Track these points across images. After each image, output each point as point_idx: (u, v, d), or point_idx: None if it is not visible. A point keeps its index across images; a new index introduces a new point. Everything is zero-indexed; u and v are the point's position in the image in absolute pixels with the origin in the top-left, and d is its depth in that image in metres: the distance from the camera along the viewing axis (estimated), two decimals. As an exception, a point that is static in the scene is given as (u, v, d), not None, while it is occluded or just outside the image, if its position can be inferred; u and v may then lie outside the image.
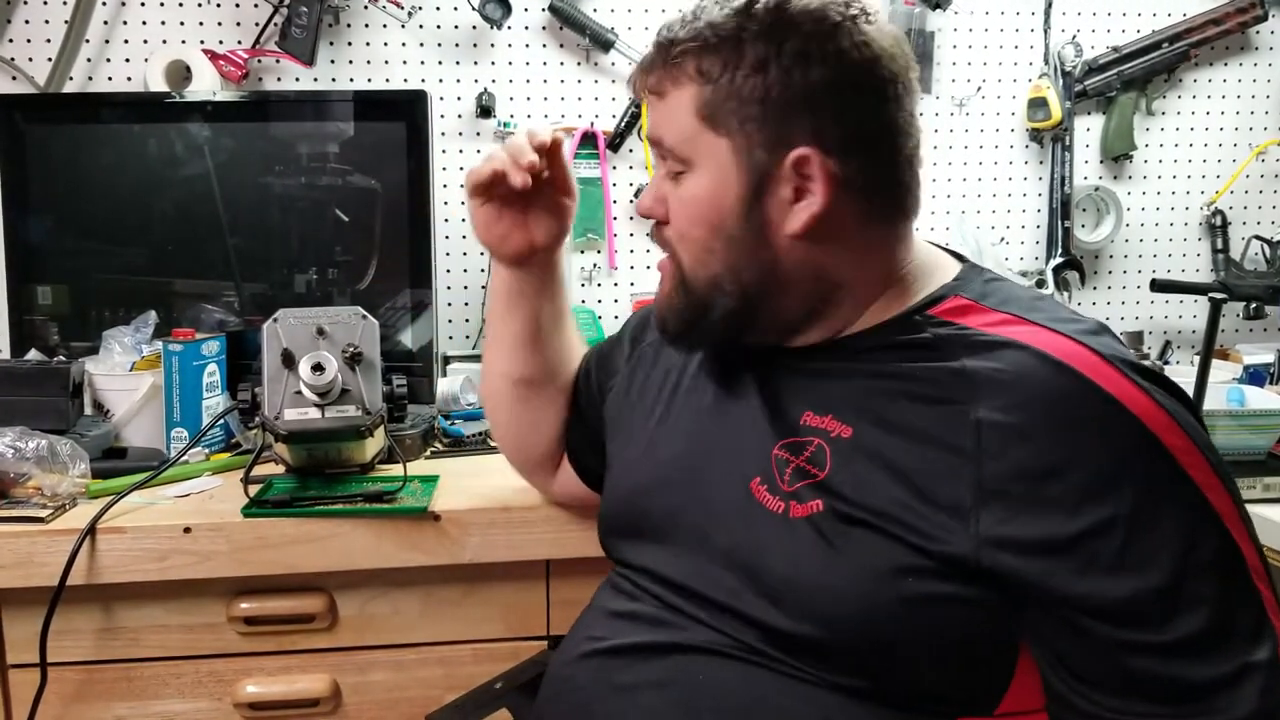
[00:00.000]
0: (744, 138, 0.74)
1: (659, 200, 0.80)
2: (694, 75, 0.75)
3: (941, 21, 1.66)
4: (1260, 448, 1.24)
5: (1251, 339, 1.78)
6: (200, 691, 1.10)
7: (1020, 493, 0.66)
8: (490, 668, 1.03)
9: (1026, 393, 0.67)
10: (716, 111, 0.75)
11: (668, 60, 0.77)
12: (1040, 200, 1.74)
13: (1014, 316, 0.73)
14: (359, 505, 1.07)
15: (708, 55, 0.75)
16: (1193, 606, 0.64)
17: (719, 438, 0.81)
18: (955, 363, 0.70)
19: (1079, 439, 0.66)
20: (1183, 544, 0.64)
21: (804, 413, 0.76)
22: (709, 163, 0.76)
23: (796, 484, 0.74)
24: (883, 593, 0.68)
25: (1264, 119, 1.77)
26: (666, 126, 0.78)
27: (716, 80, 0.74)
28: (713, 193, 0.76)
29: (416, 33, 1.59)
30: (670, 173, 0.79)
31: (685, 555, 0.79)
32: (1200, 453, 0.67)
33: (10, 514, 1.05)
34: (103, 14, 1.53)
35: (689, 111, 0.76)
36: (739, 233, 0.76)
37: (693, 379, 0.88)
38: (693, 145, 0.76)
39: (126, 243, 1.40)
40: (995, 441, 0.67)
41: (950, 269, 0.81)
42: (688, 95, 0.76)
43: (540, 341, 1.02)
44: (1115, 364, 0.68)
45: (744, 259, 0.76)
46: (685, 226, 0.78)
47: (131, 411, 1.23)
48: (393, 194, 1.40)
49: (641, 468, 0.88)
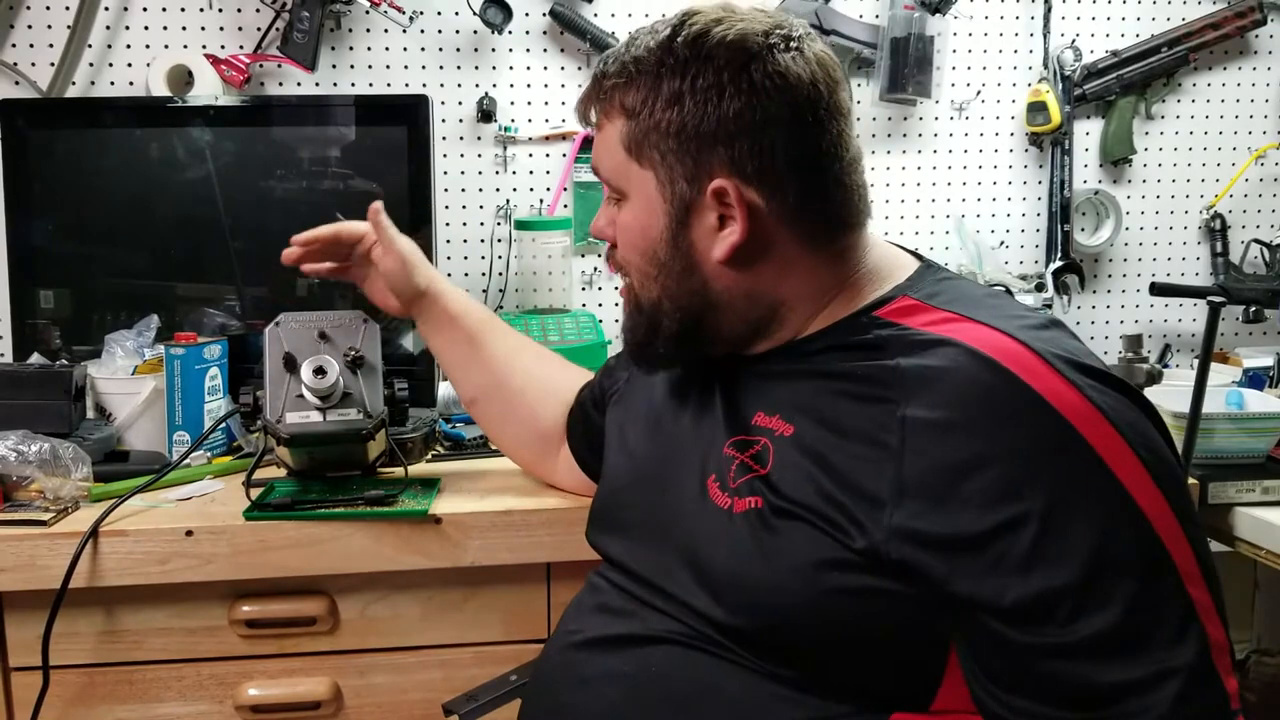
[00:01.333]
0: (666, 170, 0.77)
1: (609, 223, 0.84)
2: (620, 109, 0.79)
3: (941, 26, 1.66)
4: (1259, 451, 1.24)
5: (1251, 342, 1.78)
6: (201, 694, 1.10)
7: (937, 489, 0.66)
8: (491, 670, 1.03)
9: (952, 389, 0.67)
10: (641, 144, 0.78)
11: (599, 93, 0.81)
12: (1040, 204, 1.75)
13: (956, 315, 0.73)
14: (360, 508, 1.07)
15: (630, 89, 0.78)
16: (1102, 605, 0.62)
17: (686, 438, 0.84)
18: (890, 361, 0.71)
19: (997, 435, 0.65)
20: (1096, 541, 0.63)
21: (756, 413, 0.78)
22: (638, 193, 0.80)
23: (740, 480, 0.76)
24: (809, 586, 0.69)
25: (1263, 123, 1.77)
26: (601, 157, 0.82)
27: (638, 114, 0.77)
28: (643, 222, 0.80)
29: (418, 38, 1.60)
30: (610, 200, 0.84)
31: (649, 549, 0.82)
32: (1132, 451, 0.65)
33: (13, 517, 1.05)
34: (105, 19, 1.54)
35: (617, 144, 0.79)
36: (669, 260, 0.79)
37: (676, 384, 0.90)
38: (624, 176, 0.80)
39: (128, 247, 1.41)
40: (918, 438, 0.67)
41: (906, 269, 0.81)
42: (616, 128, 0.79)
43: (469, 362, 1.12)
44: (1049, 360, 0.67)
45: (677, 284, 0.80)
46: (626, 252, 0.83)
47: (133, 415, 1.24)
48: (394, 198, 1.40)
49: (622, 465, 0.92)
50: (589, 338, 1.51)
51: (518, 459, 1.18)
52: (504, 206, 1.64)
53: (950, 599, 0.66)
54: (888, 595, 0.68)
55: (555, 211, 1.64)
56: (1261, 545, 1.17)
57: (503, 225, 1.64)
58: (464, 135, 1.62)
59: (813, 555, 0.70)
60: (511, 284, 1.64)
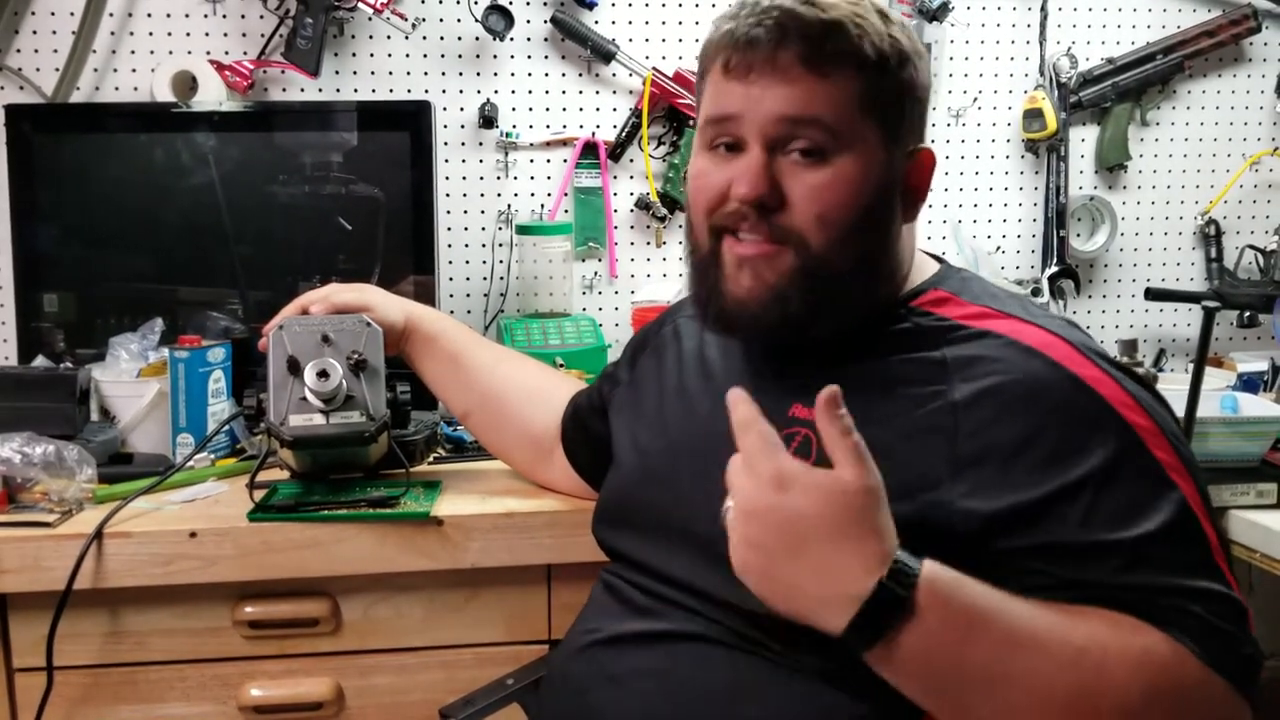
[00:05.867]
0: (894, 128, 0.79)
1: (772, 185, 0.77)
2: (855, 64, 0.76)
3: (938, 33, 1.67)
4: (1253, 454, 1.25)
5: (1245, 347, 1.79)
6: (205, 695, 1.11)
7: (993, 465, 0.70)
8: (492, 671, 1.04)
9: (1002, 377, 0.72)
10: (877, 99, 0.77)
11: (824, 50, 0.76)
12: (1036, 210, 1.76)
13: (989, 310, 0.78)
14: (363, 510, 1.08)
15: (869, 52, 0.76)
16: (1147, 564, 0.67)
17: (707, 432, 0.83)
18: (936, 352, 0.75)
19: (1047, 416, 0.70)
20: (1145, 513, 0.68)
21: (794, 405, 0.79)
22: (862, 147, 0.77)
23: None
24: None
25: (1257, 129, 1.78)
26: (825, 106, 0.76)
27: (883, 70, 0.77)
28: (865, 176, 0.77)
29: (420, 44, 1.61)
30: (803, 153, 0.76)
31: (668, 545, 0.82)
32: (1165, 437, 0.71)
33: (17, 518, 1.06)
34: (110, 25, 1.55)
35: (850, 95, 0.76)
36: (881, 216, 0.79)
37: (686, 379, 0.91)
38: (850, 128, 0.77)
39: (133, 251, 1.42)
40: (970, 421, 0.71)
41: (931, 267, 0.86)
42: (850, 80, 0.76)
43: (455, 379, 1.14)
44: (1085, 352, 0.73)
45: (881, 242, 0.80)
46: (827, 209, 0.76)
47: (138, 417, 1.24)
48: (396, 203, 1.42)
49: (634, 463, 0.92)
50: (589, 341, 1.52)
51: (513, 464, 1.19)
52: (505, 211, 1.65)
53: (1008, 563, 0.69)
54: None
55: (556, 216, 1.66)
56: (1256, 549, 1.18)
57: (504, 230, 1.65)
58: (466, 141, 1.64)
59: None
60: (513, 288, 1.65)
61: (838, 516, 0.63)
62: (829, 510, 0.63)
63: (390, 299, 1.14)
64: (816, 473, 0.65)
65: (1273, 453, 1.26)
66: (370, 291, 1.15)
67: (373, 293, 1.14)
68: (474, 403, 1.15)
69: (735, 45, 0.77)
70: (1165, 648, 0.65)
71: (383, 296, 1.14)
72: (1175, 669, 0.65)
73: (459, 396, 1.16)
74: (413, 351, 1.15)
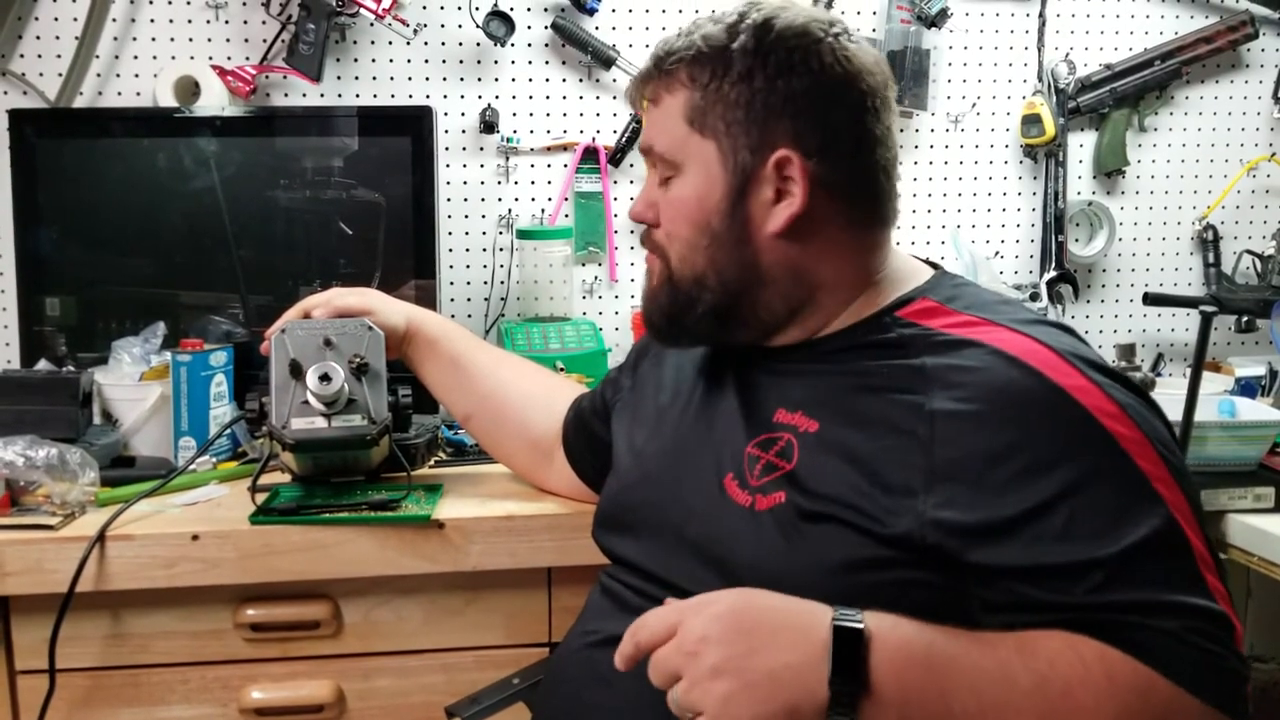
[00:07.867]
0: (729, 140, 0.79)
1: (649, 205, 0.85)
2: (685, 82, 0.81)
3: (937, 39, 1.68)
4: (1251, 458, 1.25)
5: (1243, 351, 1.79)
6: (206, 698, 1.11)
7: (969, 476, 0.69)
8: (492, 674, 1.04)
9: (981, 386, 0.71)
10: (705, 115, 0.80)
11: (662, 69, 0.82)
12: (1034, 215, 1.77)
13: (976, 318, 0.77)
14: (364, 513, 1.08)
15: (699, 64, 0.80)
16: (1130, 580, 0.66)
17: (700, 437, 0.85)
18: (916, 360, 0.74)
19: (1025, 426, 0.69)
20: (1124, 526, 0.66)
21: (777, 410, 0.80)
22: (696, 164, 0.81)
23: (764, 478, 0.77)
24: (838, 583, 0.70)
25: (1254, 135, 1.79)
26: (658, 132, 0.84)
27: (706, 86, 0.80)
28: (700, 192, 0.81)
29: (422, 49, 1.61)
30: (661, 179, 0.84)
31: (662, 548, 0.83)
32: (1153, 446, 0.69)
33: (20, 521, 1.06)
34: (113, 30, 1.56)
35: (679, 116, 0.81)
36: (723, 230, 0.80)
37: (682, 384, 0.92)
38: (682, 148, 0.81)
39: (135, 255, 1.42)
40: (947, 429, 0.70)
41: (922, 275, 0.85)
42: (679, 100, 0.81)
43: (456, 382, 1.15)
44: (1070, 360, 0.72)
45: (727, 256, 0.81)
46: (673, 226, 0.83)
47: (140, 421, 1.25)
48: (397, 208, 1.43)
49: (631, 467, 0.93)
50: (589, 345, 1.53)
51: (514, 468, 1.20)
52: (506, 216, 1.66)
53: (982, 579, 0.68)
54: (917, 586, 0.69)
55: (556, 221, 1.66)
56: (1254, 552, 1.18)
57: (505, 234, 1.65)
58: (467, 146, 1.64)
59: (843, 555, 0.71)
60: (513, 292, 1.65)
61: (749, 604, 0.66)
62: (738, 603, 0.67)
63: (392, 303, 1.15)
64: (689, 600, 0.67)
65: (1270, 457, 1.27)
66: (372, 295, 1.15)
67: (374, 297, 1.15)
68: (475, 406, 1.15)
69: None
70: (1128, 669, 0.64)
71: (384, 300, 1.15)
72: (1144, 691, 0.64)
73: (460, 400, 1.16)
74: (414, 355, 1.16)
